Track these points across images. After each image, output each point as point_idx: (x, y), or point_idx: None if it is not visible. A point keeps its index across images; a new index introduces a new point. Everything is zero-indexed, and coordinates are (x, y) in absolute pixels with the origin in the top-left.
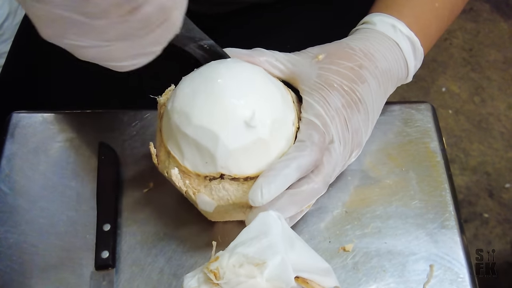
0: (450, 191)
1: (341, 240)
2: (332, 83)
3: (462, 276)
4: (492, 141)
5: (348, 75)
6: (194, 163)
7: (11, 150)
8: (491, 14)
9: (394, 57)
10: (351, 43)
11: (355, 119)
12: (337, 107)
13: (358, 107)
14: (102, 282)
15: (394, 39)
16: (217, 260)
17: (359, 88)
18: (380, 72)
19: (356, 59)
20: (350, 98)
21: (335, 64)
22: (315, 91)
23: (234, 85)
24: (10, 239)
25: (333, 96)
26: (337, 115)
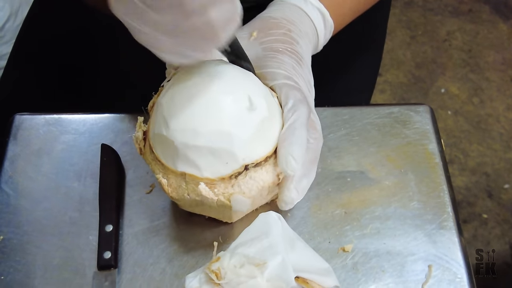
0: (449, 192)
1: (341, 240)
2: (277, 48)
3: (460, 276)
4: (491, 142)
5: (285, 39)
6: (214, 169)
7: (14, 152)
8: (490, 15)
9: (307, 25)
10: (272, 14)
11: (304, 73)
12: (292, 66)
13: (302, 63)
14: (105, 282)
15: (304, 9)
16: (219, 260)
17: (297, 48)
18: (303, 34)
19: (283, 26)
20: (296, 57)
21: (270, 35)
22: (269, 61)
23: (221, 83)
24: (14, 240)
25: (285, 59)
26: (296, 73)
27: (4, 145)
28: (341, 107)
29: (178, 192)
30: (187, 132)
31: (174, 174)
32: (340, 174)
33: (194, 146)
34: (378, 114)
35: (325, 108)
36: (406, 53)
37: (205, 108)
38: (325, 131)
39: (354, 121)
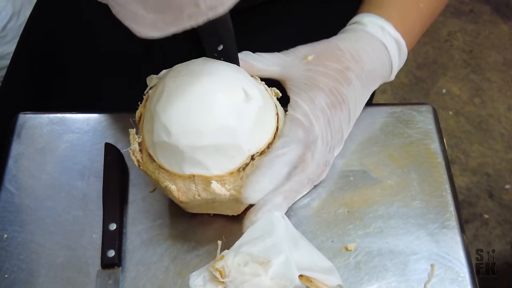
0: (451, 192)
1: (344, 239)
2: (318, 83)
3: (462, 275)
4: (492, 142)
5: (335, 76)
6: (222, 166)
7: (18, 151)
8: (491, 16)
9: (380, 58)
10: (340, 44)
11: (337, 118)
12: (322, 107)
13: (342, 107)
14: (108, 281)
15: (382, 40)
16: (223, 259)
17: (344, 90)
18: (365, 74)
19: (343, 61)
20: (335, 98)
21: (322, 66)
22: (302, 91)
23: (214, 80)
24: (17, 238)
25: (319, 96)
26: (322, 115)
27: (8, 144)
28: None
29: (188, 195)
30: (190, 134)
31: (181, 178)
32: (343, 173)
33: (199, 147)
34: (381, 113)
35: None
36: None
37: (203, 107)
38: None
39: (357, 121)
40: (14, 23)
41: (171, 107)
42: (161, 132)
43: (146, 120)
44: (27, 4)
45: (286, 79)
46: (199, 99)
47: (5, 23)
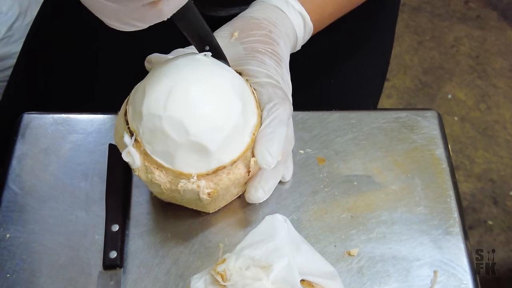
0: (455, 198)
1: (347, 244)
2: (258, 49)
3: (465, 282)
4: (497, 148)
5: (265, 40)
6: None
7: (22, 151)
8: (498, 22)
9: (288, 26)
10: (254, 15)
11: (284, 74)
12: (273, 67)
13: (282, 64)
14: (110, 282)
15: (286, 12)
16: (224, 262)
17: (277, 49)
18: (283, 35)
19: (264, 27)
20: (276, 57)
21: (251, 35)
22: (250, 60)
23: (202, 89)
24: (20, 238)
25: (265, 59)
26: (276, 73)
27: (12, 144)
28: (349, 111)
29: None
30: (201, 144)
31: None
32: (347, 178)
33: (206, 150)
34: (385, 118)
35: (332, 112)
36: (414, 59)
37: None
38: (332, 135)
39: (361, 125)
40: (20, 23)
41: (166, 110)
42: (167, 140)
43: (146, 125)
44: (33, 4)
45: (229, 59)
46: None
47: (12, 22)
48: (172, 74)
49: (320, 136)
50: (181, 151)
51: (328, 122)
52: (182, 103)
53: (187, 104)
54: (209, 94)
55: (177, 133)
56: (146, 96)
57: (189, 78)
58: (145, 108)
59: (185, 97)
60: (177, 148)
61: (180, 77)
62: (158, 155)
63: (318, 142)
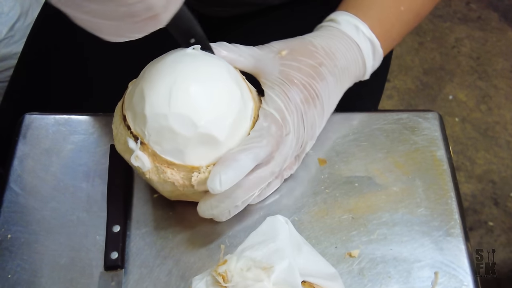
0: (456, 199)
1: (347, 245)
2: (292, 79)
3: (466, 283)
4: (498, 149)
5: (308, 72)
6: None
7: (23, 151)
8: (499, 23)
9: (354, 57)
10: (314, 41)
11: (311, 113)
12: (296, 102)
13: (315, 102)
14: (111, 282)
15: (356, 40)
16: (225, 263)
17: (318, 85)
18: (339, 70)
19: (317, 57)
20: (309, 93)
21: (296, 61)
22: (276, 86)
23: (202, 86)
24: (21, 239)
25: (292, 91)
26: (295, 110)
27: (13, 144)
28: (350, 112)
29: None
30: (211, 134)
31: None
32: (348, 179)
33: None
34: (386, 120)
35: (333, 113)
36: (414, 59)
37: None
38: (333, 136)
39: (362, 127)
40: (22, 23)
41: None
42: (175, 136)
43: (151, 126)
44: (35, 5)
45: (259, 72)
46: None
47: (13, 23)
48: (168, 72)
49: (321, 137)
50: (191, 146)
51: (329, 123)
52: (185, 98)
53: (190, 98)
54: (210, 85)
55: (185, 128)
56: (147, 98)
57: (186, 73)
58: (148, 110)
59: (186, 92)
60: (186, 143)
61: (177, 73)
62: (168, 154)
63: (319, 143)
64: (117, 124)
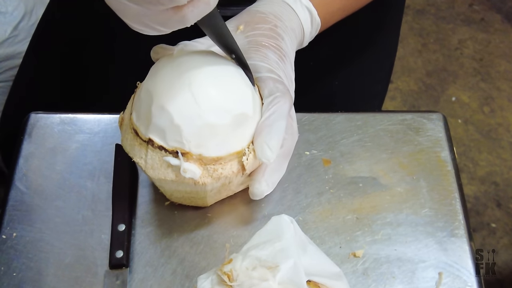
0: (460, 200)
1: (352, 245)
2: (262, 43)
3: (470, 284)
4: (501, 151)
5: (270, 34)
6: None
7: (28, 150)
8: (502, 24)
9: (294, 21)
10: (260, 9)
11: (287, 70)
12: (276, 61)
13: (285, 59)
14: (116, 281)
15: (293, 7)
16: (231, 262)
17: (281, 44)
18: (289, 30)
19: (270, 21)
20: (280, 52)
21: (256, 29)
22: (253, 54)
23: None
24: (27, 237)
25: (268, 53)
26: (278, 67)
27: (19, 143)
28: (354, 113)
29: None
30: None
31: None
32: (352, 179)
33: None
34: (391, 120)
35: (338, 114)
36: (417, 61)
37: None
38: (338, 136)
39: (367, 127)
40: (26, 23)
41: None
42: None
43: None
44: (39, 4)
45: None
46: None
47: (17, 22)
48: (175, 76)
49: (326, 138)
50: (231, 132)
51: (334, 124)
52: (208, 91)
53: (213, 89)
54: (220, 72)
55: (221, 117)
56: (172, 109)
57: (193, 69)
58: (179, 119)
59: (206, 86)
60: (227, 131)
61: (185, 74)
62: (213, 151)
63: (324, 143)
64: (141, 150)
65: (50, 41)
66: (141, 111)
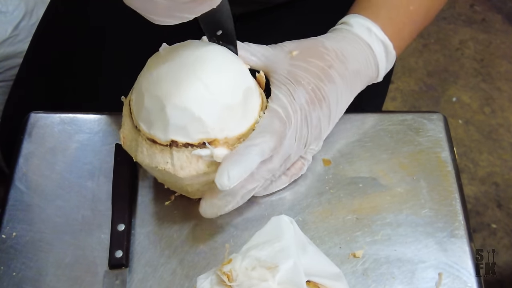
0: (460, 201)
1: (352, 246)
2: (299, 79)
3: (470, 285)
4: (502, 152)
5: (317, 73)
6: None
7: (28, 150)
8: (503, 25)
9: (366, 59)
10: (326, 43)
11: (315, 115)
12: (301, 102)
13: (321, 104)
14: (115, 281)
15: (368, 42)
16: (230, 262)
17: (325, 87)
18: (349, 73)
19: (327, 59)
20: (315, 95)
21: (306, 62)
22: (283, 85)
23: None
24: (26, 237)
25: (298, 91)
26: (299, 109)
27: (19, 143)
28: (354, 113)
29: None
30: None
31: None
32: (352, 180)
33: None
34: (391, 121)
35: None
36: (418, 61)
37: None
38: (338, 137)
39: (367, 128)
40: (26, 23)
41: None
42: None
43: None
44: (40, 4)
45: (269, 71)
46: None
47: (18, 22)
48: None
49: (326, 138)
50: (245, 107)
51: (334, 124)
52: (216, 77)
53: (220, 74)
54: (219, 57)
55: (234, 95)
56: (190, 106)
57: (195, 61)
58: (199, 111)
59: (212, 73)
60: (243, 107)
61: (186, 66)
62: (236, 130)
63: (324, 143)
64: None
65: (50, 40)
66: (152, 118)
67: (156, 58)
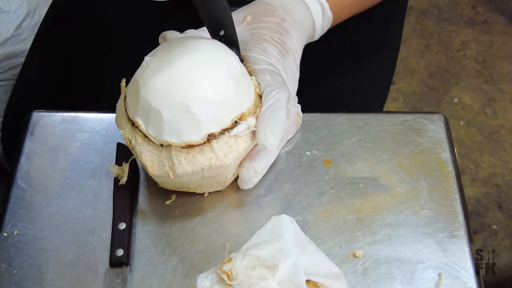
0: (460, 202)
1: (352, 246)
2: (264, 37)
3: (470, 285)
4: (503, 153)
5: (275, 28)
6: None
7: (30, 148)
8: (505, 26)
9: (305, 14)
10: (270, 1)
11: (288, 64)
12: (275, 56)
13: (288, 54)
14: (116, 279)
15: (304, 0)
16: (230, 261)
17: (285, 39)
18: (297, 24)
19: (277, 14)
20: (282, 47)
21: (262, 22)
22: (254, 47)
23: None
24: (28, 235)
25: (269, 47)
26: (278, 62)
27: (21, 141)
28: (355, 114)
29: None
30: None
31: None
32: (353, 180)
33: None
34: (392, 121)
35: (339, 114)
36: (420, 62)
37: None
38: (339, 137)
39: (368, 128)
40: (29, 22)
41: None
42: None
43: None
44: (42, 3)
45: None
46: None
47: (20, 21)
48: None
49: (327, 138)
50: (245, 82)
51: (335, 124)
52: (210, 76)
53: (222, 64)
54: (208, 52)
55: (238, 71)
56: (214, 97)
57: (194, 60)
58: (219, 105)
59: (214, 71)
60: (243, 82)
61: (190, 65)
62: (248, 103)
63: (325, 144)
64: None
65: (53, 40)
66: (180, 125)
67: (149, 65)
